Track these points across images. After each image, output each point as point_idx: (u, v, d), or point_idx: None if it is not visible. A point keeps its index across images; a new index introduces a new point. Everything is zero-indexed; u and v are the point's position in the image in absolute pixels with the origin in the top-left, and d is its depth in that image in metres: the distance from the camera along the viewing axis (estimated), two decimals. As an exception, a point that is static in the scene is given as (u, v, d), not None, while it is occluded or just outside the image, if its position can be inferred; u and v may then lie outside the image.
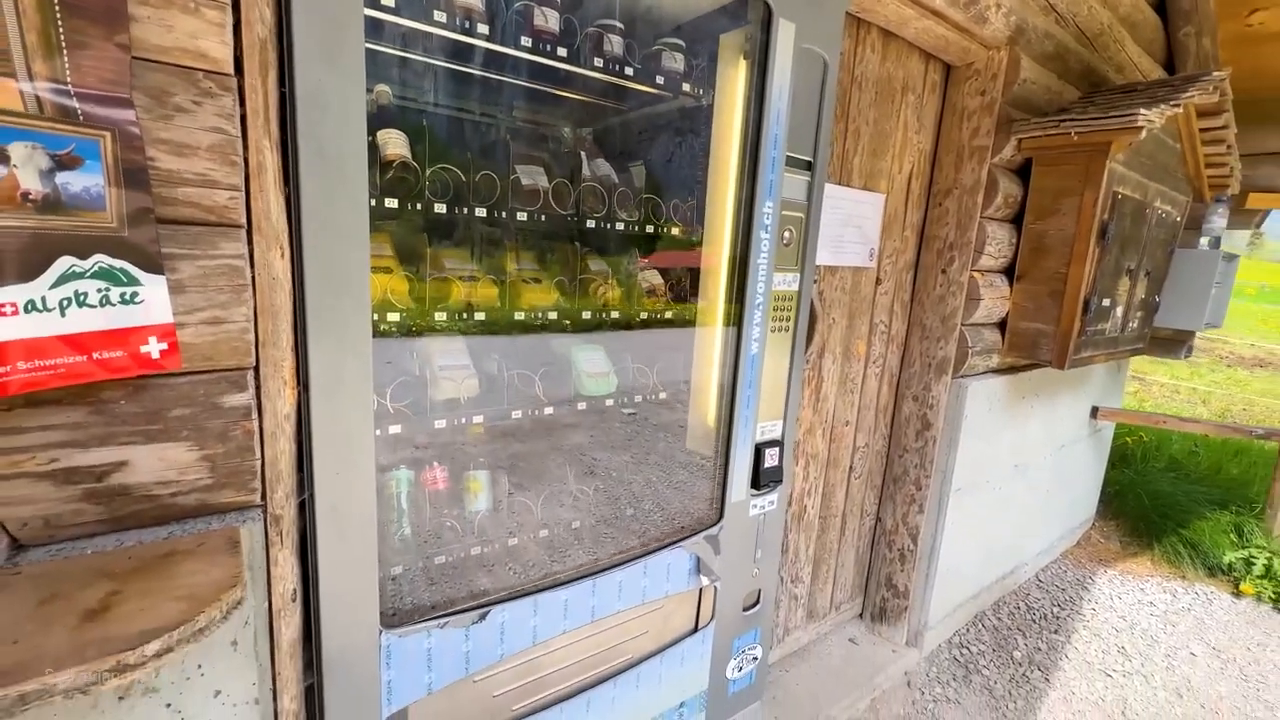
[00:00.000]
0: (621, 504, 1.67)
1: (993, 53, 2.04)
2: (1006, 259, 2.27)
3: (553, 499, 1.59)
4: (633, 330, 1.69)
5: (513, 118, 1.60)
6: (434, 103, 1.44)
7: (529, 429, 1.65)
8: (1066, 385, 2.97)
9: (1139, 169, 2.25)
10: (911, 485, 2.40)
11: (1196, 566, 3.37)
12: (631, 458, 1.77)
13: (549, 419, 1.58)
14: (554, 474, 1.65)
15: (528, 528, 1.47)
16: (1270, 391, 8.70)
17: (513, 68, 1.40)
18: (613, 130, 1.74)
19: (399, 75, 1.31)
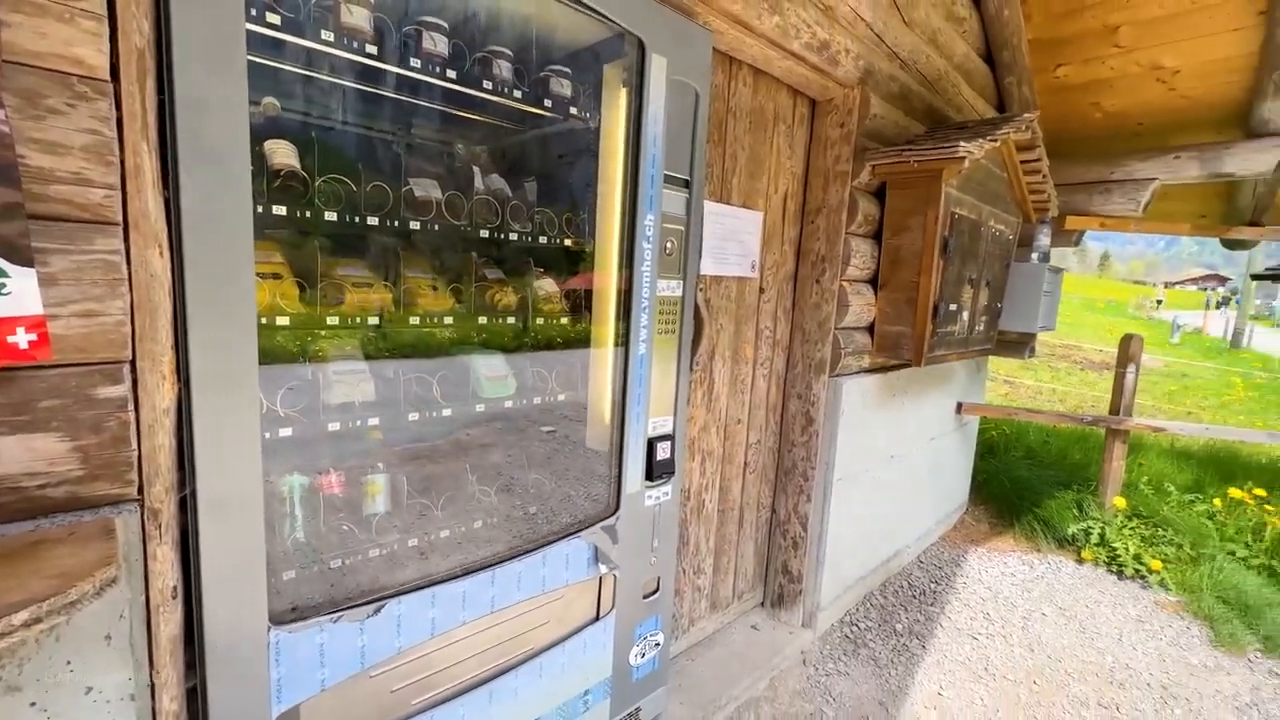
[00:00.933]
0: (524, 500, 1.74)
1: (847, 91, 2.34)
2: (870, 270, 2.57)
3: (455, 499, 1.63)
4: (530, 334, 1.78)
5: (410, 134, 1.67)
6: (329, 117, 1.48)
7: (428, 431, 1.69)
8: (933, 383, 3.35)
9: (973, 193, 2.63)
10: (800, 477, 2.62)
11: (1048, 540, 3.85)
12: (533, 456, 1.85)
13: (447, 420, 1.63)
14: (456, 475, 1.69)
15: (428, 528, 1.51)
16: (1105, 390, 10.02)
17: (409, 87, 1.47)
18: (508, 148, 1.84)
19: (292, 89, 1.35)
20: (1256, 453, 5.37)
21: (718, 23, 1.79)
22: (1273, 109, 2.93)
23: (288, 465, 1.36)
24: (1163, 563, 3.48)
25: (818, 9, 2.03)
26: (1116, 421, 3.79)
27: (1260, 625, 3.00)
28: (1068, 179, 3.59)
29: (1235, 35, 2.76)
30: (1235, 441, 5.33)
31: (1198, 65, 2.99)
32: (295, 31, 1.17)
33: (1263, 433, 4.11)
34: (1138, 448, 4.84)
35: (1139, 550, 3.56)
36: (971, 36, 3.06)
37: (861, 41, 2.27)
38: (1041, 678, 2.61)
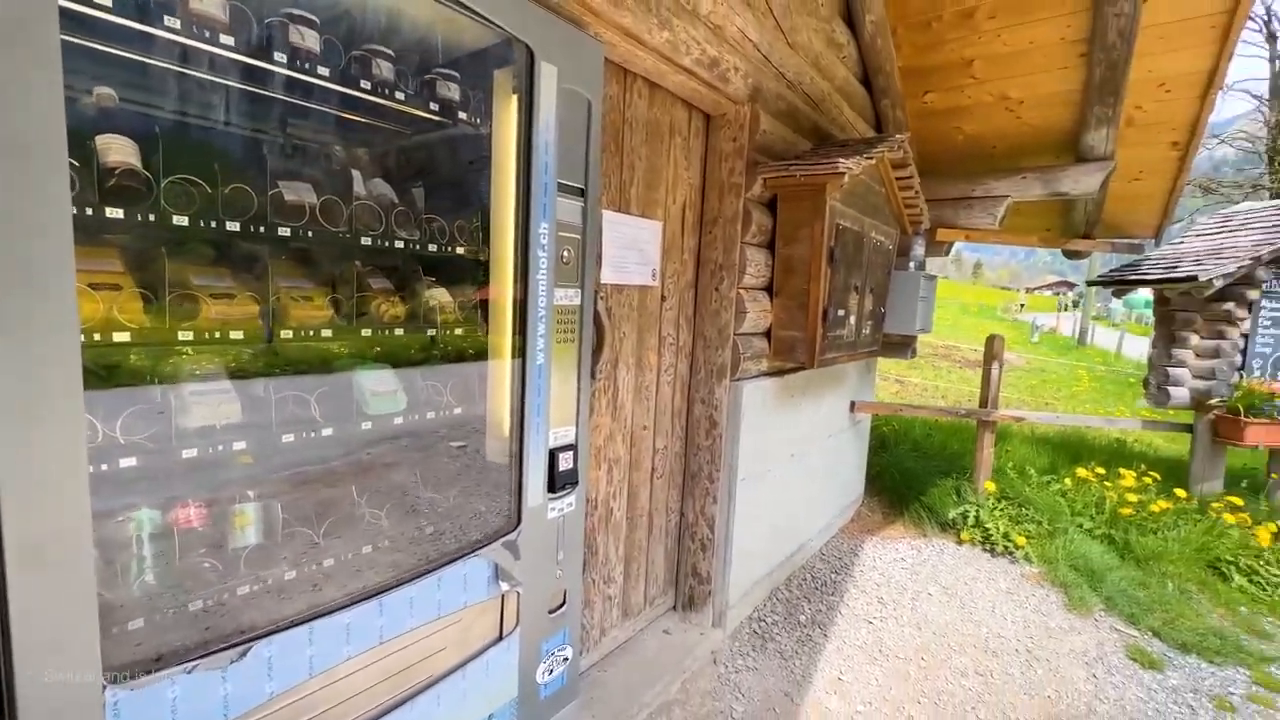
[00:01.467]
0: (420, 521, 1.65)
1: (739, 107, 2.45)
2: (765, 278, 2.69)
3: (341, 525, 1.52)
4: (422, 346, 1.70)
5: (281, 133, 1.55)
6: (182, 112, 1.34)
7: (309, 454, 1.56)
8: (828, 384, 3.55)
9: (855, 206, 2.83)
10: (706, 480, 2.68)
11: (932, 525, 4.19)
12: (430, 474, 1.76)
13: (329, 441, 1.52)
14: (342, 498, 1.58)
15: (309, 558, 1.39)
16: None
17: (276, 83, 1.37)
18: (393, 152, 1.76)
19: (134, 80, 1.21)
20: (1099, 436, 6.15)
21: (609, 34, 1.81)
22: (1095, 137, 3.38)
23: (133, 499, 1.21)
24: (1026, 538, 3.88)
25: (706, 27, 2.11)
26: (985, 414, 4.20)
27: (1103, 588, 3.42)
28: (938, 194, 3.95)
29: (1064, 73, 3.16)
30: (1082, 427, 6.08)
31: (1037, 97, 3.40)
32: (131, 14, 1.05)
33: (1101, 418, 4.71)
34: (1005, 436, 5.38)
35: (1007, 529, 3.95)
36: (850, 62, 3.31)
37: (750, 61, 2.38)
38: (928, 654, 2.82)
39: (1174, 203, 4.08)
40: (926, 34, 3.23)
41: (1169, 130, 3.46)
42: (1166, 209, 4.12)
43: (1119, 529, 3.94)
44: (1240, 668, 2.87)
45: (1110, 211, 4.27)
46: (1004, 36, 3.10)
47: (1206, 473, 4.35)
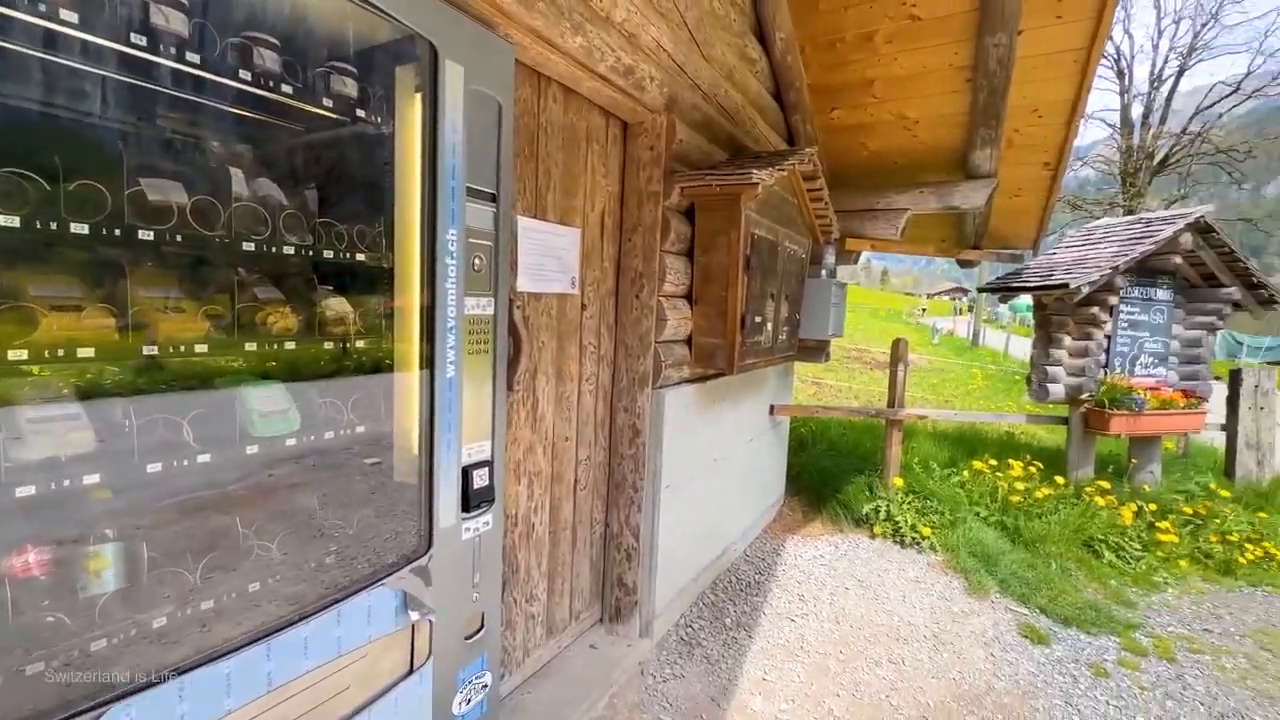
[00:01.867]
0: (318, 550, 1.52)
1: (655, 116, 2.46)
2: (685, 286, 2.72)
3: (223, 561, 1.36)
4: (320, 360, 1.57)
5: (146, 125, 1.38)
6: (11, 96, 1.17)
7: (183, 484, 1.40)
8: (748, 389, 3.64)
9: (770, 216, 2.92)
10: (630, 489, 2.66)
11: (848, 520, 4.39)
12: (327, 498, 1.63)
13: (208, 468, 1.36)
14: (226, 531, 1.42)
15: (183, 602, 1.24)
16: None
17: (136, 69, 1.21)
18: (283, 150, 1.62)
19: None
20: (991, 430, 6.69)
21: (520, 36, 1.76)
22: (981, 156, 3.69)
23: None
24: (931, 529, 4.15)
25: (621, 35, 2.11)
26: (893, 413, 4.45)
27: (998, 571, 3.70)
28: (846, 206, 4.15)
29: (953, 96, 3.43)
30: (977, 422, 6.59)
31: (930, 118, 3.66)
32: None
33: (992, 414, 5.12)
34: (911, 433, 5.73)
35: (915, 521, 4.20)
36: (763, 77, 3.42)
37: (665, 71, 2.40)
38: (846, 646, 2.93)
39: (1048, 217, 4.52)
40: (832, 54, 3.40)
41: (1042, 152, 3.83)
42: (1042, 223, 4.55)
43: (1010, 516, 4.28)
44: (1112, 636, 3.19)
45: (995, 224, 4.67)
46: (900, 60, 3.32)
47: (1080, 460, 4.83)
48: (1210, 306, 4.92)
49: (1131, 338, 4.80)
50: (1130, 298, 4.75)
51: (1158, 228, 4.58)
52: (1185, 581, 3.90)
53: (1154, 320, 4.87)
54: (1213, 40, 22.60)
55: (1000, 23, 2.84)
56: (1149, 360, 4.88)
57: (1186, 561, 4.04)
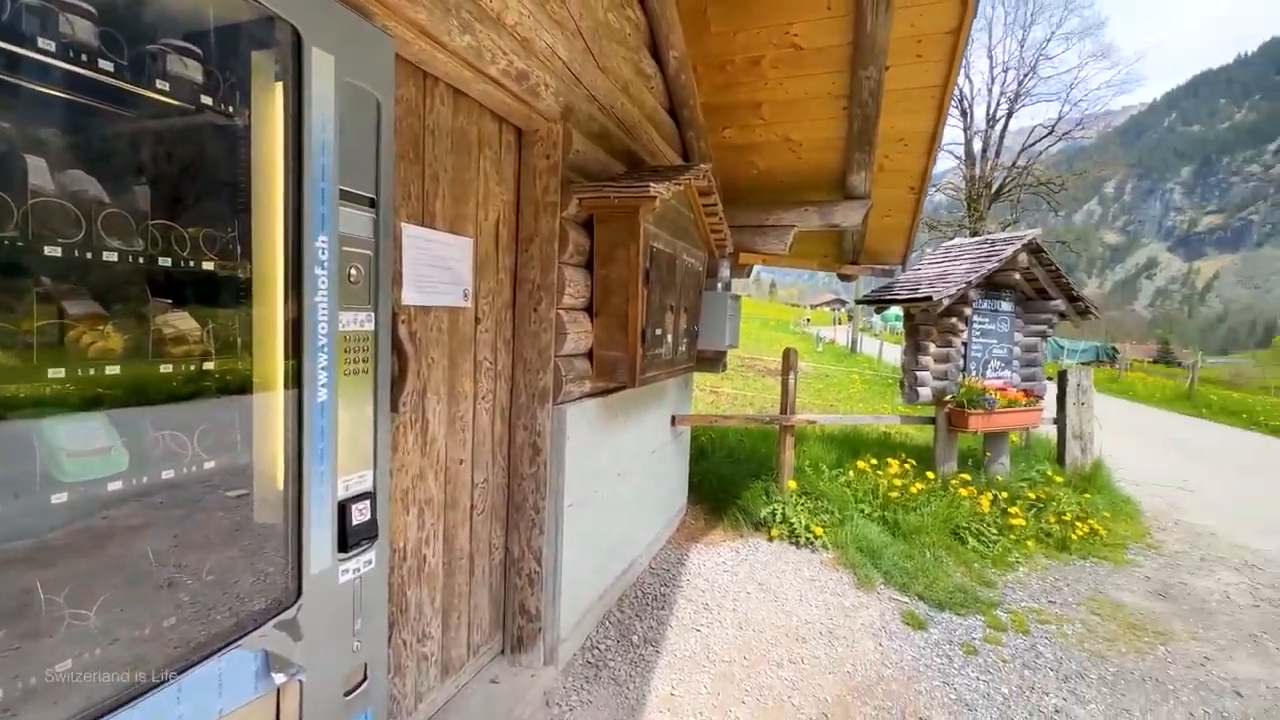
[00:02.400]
0: (152, 614, 1.27)
1: (552, 124, 2.40)
2: (585, 298, 2.67)
3: (21, 637, 1.10)
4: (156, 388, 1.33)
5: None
6: None
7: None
8: (650, 401, 3.64)
9: (667, 229, 2.95)
10: (532, 510, 2.54)
11: (748, 525, 4.53)
12: (167, 550, 1.38)
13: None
14: (23, 598, 1.15)
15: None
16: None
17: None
18: (108, 139, 1.37)
19: None
20: (871, 431, 7.25)
21: (400, 29, 1.63)
22: (857, 179, 3.99)
23: None
24: (823, 528, 4.38)
25: (514, 39, 2.03)
26: (785, 419, 4.66)
27: (881, 564, 3.97)
28: (739, 222, 4.32)
29: (832, 122, 3.68)
30: (859, 425, 7.11)
31: (813, 141, 3.91)
32: None
33: (871, 416, 5.53)
34: (802, 438, 6.05)
35: (808, 521, 4.42)
36: (658, 93, 3.47)
37: (560, 79, 2.35)
38: (750, 651, 2.99)
39: (914, 236, 4.99)
40: (723, 75, 3.53)
41: (908, 177, 4.22)
42: (909, 241, 5.01)
43: (890, 511, 4.63)
44: (978, 615, 3.52)
45: (870, 242, 5.08)
46: (785, 85, 3.51)
47: (946, 456, 5.34)
48: (1042, 316, 5.66)
49: (983, 344, 5.41)
50: (981, 309, 5.35)
51: (1000, 248, 5.21)
52: (1033, 559, 4.42)
53: (1000, 328, 5.52)
54: (1033, 89, 26.52)
55: (871, 57, 3.08)
56: (997, 364, 5.51)
57: (1033, 541, 4.58)
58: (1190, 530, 5.37)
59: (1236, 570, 4.52)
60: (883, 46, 3.01)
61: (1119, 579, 4.23)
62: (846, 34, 3.06)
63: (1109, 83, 40.37)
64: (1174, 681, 3.01)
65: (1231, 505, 6.29)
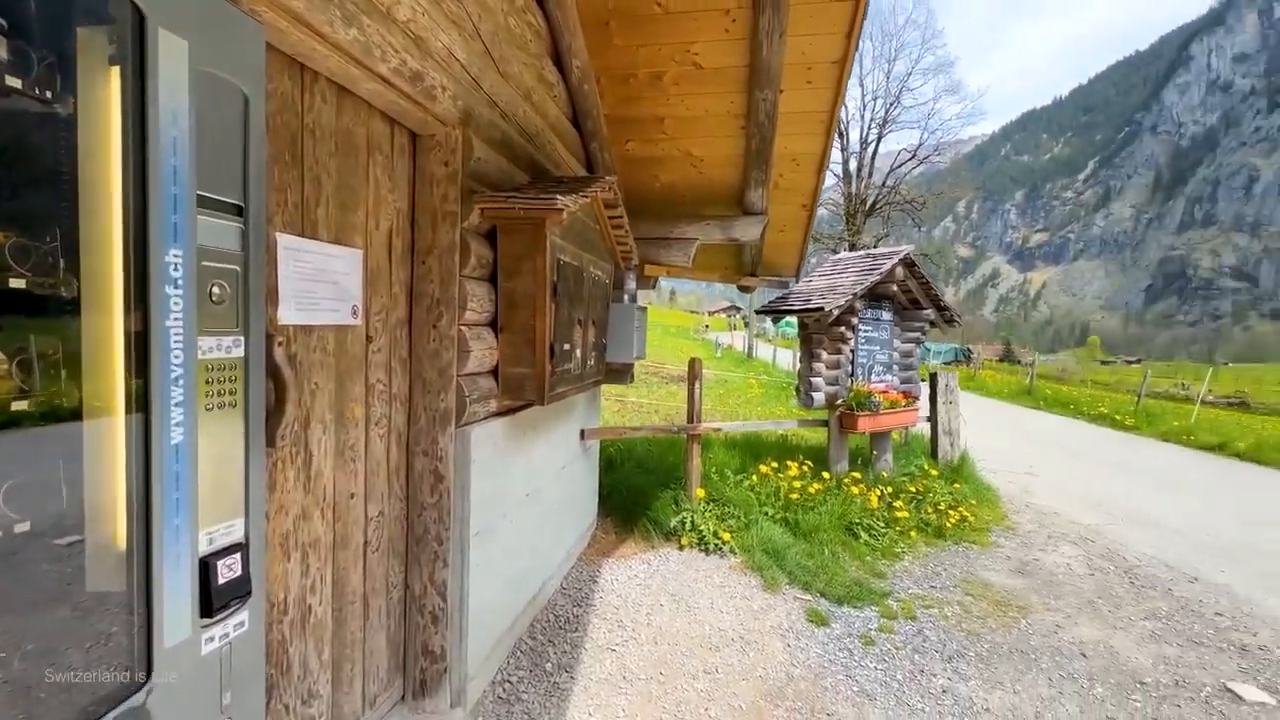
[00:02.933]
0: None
1: (450, 129, 2.26)
2: (490, 313, 2.53)
3: None
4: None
5: None
6: None
7: None
8: (559, 417, 3.55)
9: (574, 242, 2.88)
10: (434, 542, 2.36)
11: (659, 535, 4.54)
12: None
13: None
14: None
15: None
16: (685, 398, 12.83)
17: None
18: None
19: None
20: (770, 434, 7.58)
21: (273, 16, 1.44)
22: (755, 195, 4.15)
23: None
24: (730, 533, 4.49)
25: (406, 36, 1.88)
26: (692, 428, 4.74)
27: (786, 564, 4.13)
28: (644, 234, 4.34)
29: (731, 140, 3.80)
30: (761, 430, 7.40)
31: (714, 157, 4.02)
32: None
33: (771, 421, 5.77)
34: (708, 444, 6.19)
35: (716, 528, 4.51)
36: (561, 102, 3.41)
37: (459, 82, 2.22)
38: (666, 666, 2.98)
39: (805, 250, 5.29)
40: (626, 88, 3.53)
41: (800, 195, 4.46)
42: (802, 255, 5.31)
43: (791, 512, 4.85)
44: (872, 607, 3.75)
45: (767, 255, 5.32)
46: (686, 102, 3.58)
47: (838, 456, 5.69)
48: (916, 324, 6.22)
49: (868, 351, 5.84)
50: (865, 318, 5.78)
51: (881, 261, 5.66)
52: (915, 548, 4.81)
53: (881, 336, 5.99)
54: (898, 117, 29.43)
55: (767, 80, 3.22)
56: (880, 369, 5.97)
57: (915, 531, 4.99)
58: (1038, 511, 6.12)
59: (1075, 544, 5.20)
60: (777, 71, 3.16)
61: (986, 560, 4.71)
62: (744, 57, 3.18)
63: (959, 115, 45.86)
64: (1035, 651, 3.37)
65: (1066, 486, 7.26)
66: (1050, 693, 2.99)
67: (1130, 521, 5.98)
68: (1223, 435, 10.80)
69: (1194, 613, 3.97)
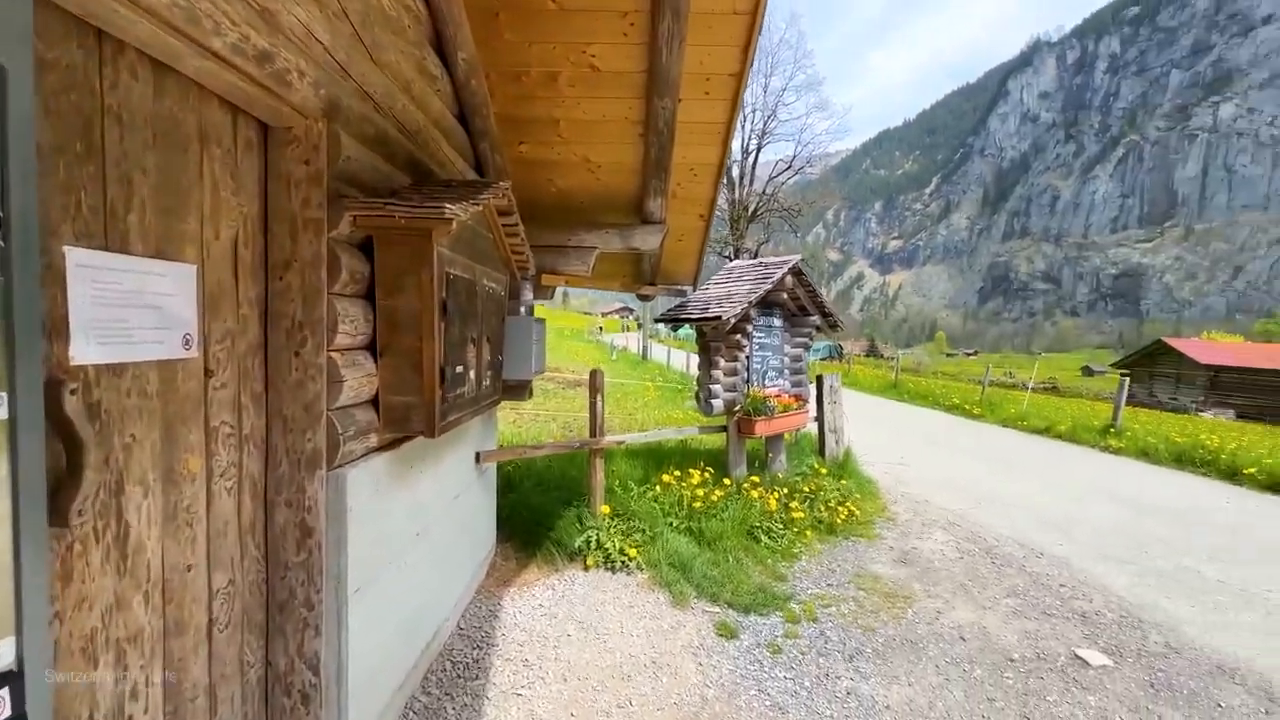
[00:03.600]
0: None
1: (312, 122, 1.91)
2: (367, 335, 2.21)
3: None
4: None
5: None
6: None
7: None
8: (451, 443, 3.23)
9: (465, 253, 2.61)
10: (302, 607, 2.00)
11: (563, 557, 4.33)
12: None
13: None
14: None
15: None
16: (584, 404, 12.64)
17: None
18: None
19: None
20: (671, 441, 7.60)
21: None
22: (654, 204, 4.08)
23: None
24: (636, 549, 4.38)
25: (249, 7, 1.54)
26: (595, 442, 4.58)
27: (693, 577, 4.10)
28: (540, 242, 4.12)
29: (630, 147, 3.70)
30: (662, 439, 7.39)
31: (611, 164, 3.89)
32: None
33: (673, 429, 5.76)
34: (609, 456, 6.06)
35: (622, 544, 4.39)
36: (446, 97, 3.10)
37: (322, 68, 1.89)
38: (578, 705, 2.79)
39: (703, 259, 5.33)
40: (518, 86, 3.29)
41: (698, 205, 4.46)
42: (699, 263, 5.34)
43: (695, 520, 4.84)
44: (776, 612, 3.82)
45: (666, 264, 5.29)
46: (583, 105, 3.42)
47: (737, 461, 5.80)
48: (804, 329, 6.52)
49: (762, 357, 6.02)
50: (759, 325, 5.95)
51: (772, 270, 5.85)
52: (811, 547, 5.00)
53: (774, 342, 6.20)
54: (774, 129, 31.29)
55: (665, 88, 3.14)
56: (772, 374, 6.18)
57: (810, 531, 5.20)
58: (912, 500, 6.66)
59: (944, 529, 5.70)
60: (675, 79, 3.09)
61: (873, 553, 5.01)
62: (643, 62, 3.07)
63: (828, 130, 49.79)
64: (922, 640, 3.60)
65: (931, 473, 8.00)
66: (939, 680, 3.18)
67: (987, 502, 6.68)
68: (1047, 419, 12.54)
69: (1044, 586, 4.48)
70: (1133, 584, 4.58)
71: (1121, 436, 10.64)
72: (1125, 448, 10.13)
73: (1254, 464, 8.34)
